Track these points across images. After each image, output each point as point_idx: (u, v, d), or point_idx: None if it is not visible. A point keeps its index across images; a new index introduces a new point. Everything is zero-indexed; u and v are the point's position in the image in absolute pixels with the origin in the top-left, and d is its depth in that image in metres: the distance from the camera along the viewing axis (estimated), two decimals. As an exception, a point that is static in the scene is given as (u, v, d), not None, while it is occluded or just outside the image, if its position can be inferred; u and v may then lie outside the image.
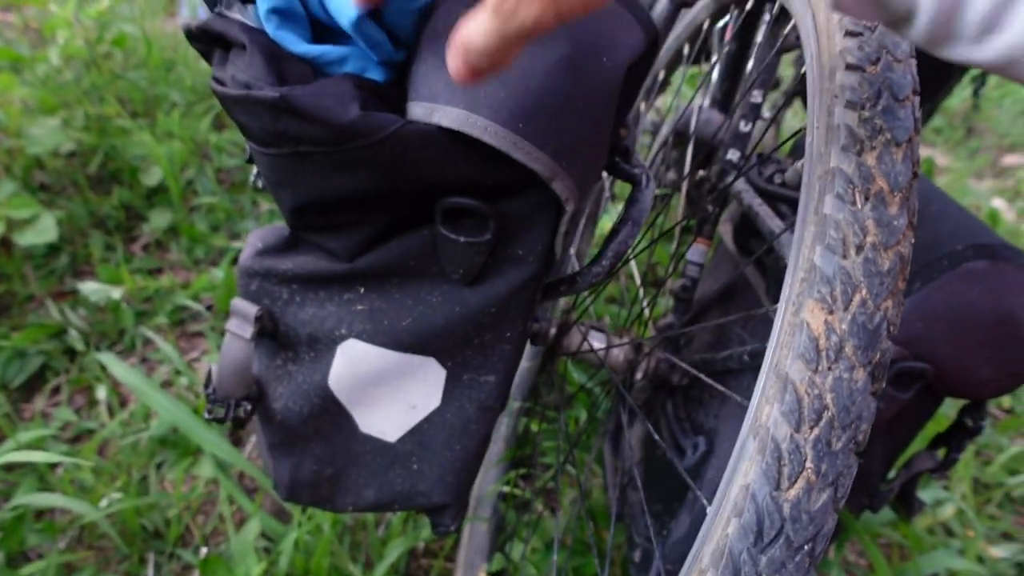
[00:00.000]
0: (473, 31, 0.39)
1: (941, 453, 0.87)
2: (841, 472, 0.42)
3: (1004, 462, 1.36)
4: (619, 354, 0.90)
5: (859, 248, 0.44)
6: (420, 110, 0.51)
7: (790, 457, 0.42)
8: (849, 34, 0.52)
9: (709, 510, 0.46)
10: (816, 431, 0.42)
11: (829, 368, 0.42)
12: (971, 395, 0.79)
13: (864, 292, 0.43)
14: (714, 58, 1.25)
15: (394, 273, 0.61)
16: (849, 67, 0.50)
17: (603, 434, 1.15)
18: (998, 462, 1.35)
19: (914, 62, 0.50)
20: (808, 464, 0.41)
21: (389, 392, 0.65)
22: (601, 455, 1.15)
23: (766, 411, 0.44)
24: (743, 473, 0.43)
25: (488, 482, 1.11)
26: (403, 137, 0.51)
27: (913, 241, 0.45)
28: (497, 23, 0.38)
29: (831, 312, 0.43)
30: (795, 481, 0.41)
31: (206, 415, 0.66)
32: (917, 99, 0.49)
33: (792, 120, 2.30)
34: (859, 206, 0.45)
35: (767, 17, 0.98)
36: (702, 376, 0.69)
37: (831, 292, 0.43)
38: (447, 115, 0.50)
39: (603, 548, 1.08)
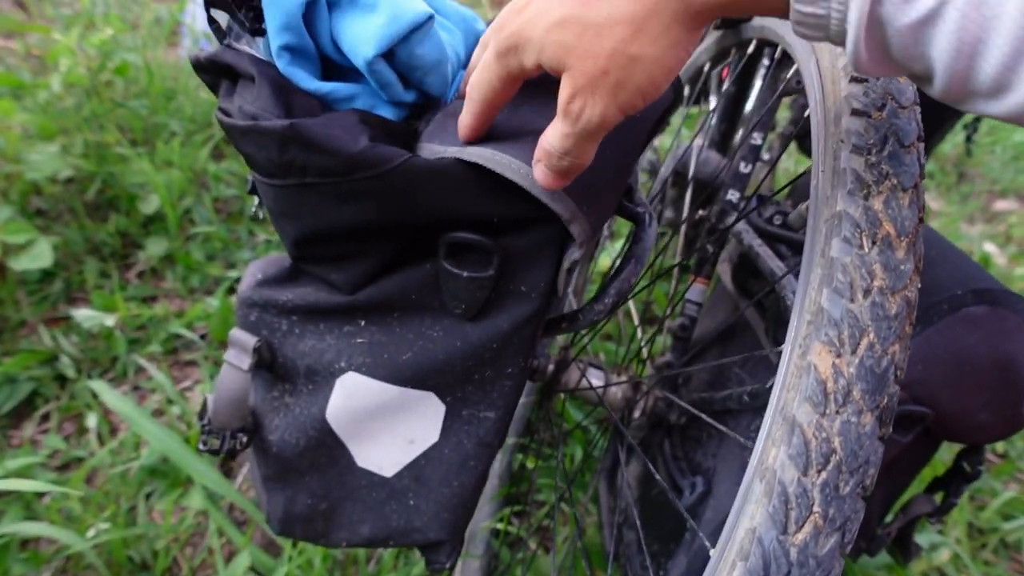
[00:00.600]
0: (551, 136, 0.45)
1: (938, 497, 0.87)
2: (849, 517, 0.41)
3: (998, 507, 1.35)
4: (617, 392, 0.89)
5: (866, 292, 0.44)
6: (442, 150, 0.52)
7: (797, 501, 0.41)
8: (854, 80, 0.52)
9: (713, 553, 0.46)
10: (824, 475, 0.41)
11: (837, 412, 0.42)
12: (969, 440, 0.79)
13: (872, 336, 0.43)
14: (712, 100, 1.26)
15: (395, 306, 0.61)
16: (855, 112, 0.50)
17: (599, 472, 1.15)
18: (992, 507, 1.35)
19: (919, 109, 0.51)
20: (816, 508, 0.41)
21: (387, 426, 0.65)
22: (597, 494, 1.14)
23: (772, 453, 0.44)
24: (749, 516, 0.43)
25: (482, 519, 1.10)
26: (409, 169, 0.51)
27: (919, 286, 0.46)
28: (568, 126, 0.44)
29: (839, 355, 0.43)
30: (802, 525, 0.41)
31: (201, 446, 0.65)
32: (922, 145, 0.49)
33: (785, 162, 2.32)
34: (866, 250, 0.45)
35: (766, 61, 0.99)
36: (703, 416, 0.68)
37: (839, 335, 0.43)
38: (473, 152, 0.50)
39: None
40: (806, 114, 0.61)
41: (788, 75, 0.80)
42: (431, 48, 0.56)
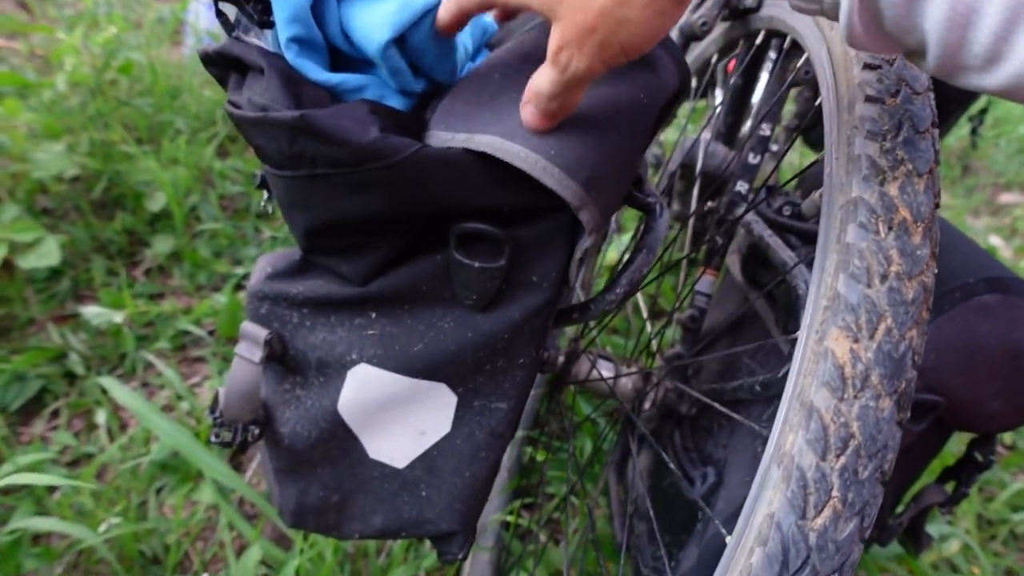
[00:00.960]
0: (540, 80, 0.48)
1: (949, 487, 0.87)
2: (867, 501, 0.41)
3: (1007, 498, 1.35)
4: (628, 383, 0.89)
5: (883, 277, 0.44)
6: (450, 136, 0.52)
7: (816, 486, 0.41)
8: (867, 67, 0.52)
9: (730, 540, 0.45)
10: (843, 460, 0.41)
11: (855, 396, 0.42)
12: (981, 428, 0.79)
13: (889, 321, 0.43)
14: (719, 93, 1.26)
15: (406, 298, 0.61)
16: (869, 99, 0.50)
17: (609, 464, 1.15)
18: (1001, 498, 1.35)
19: (932, 95, 0.51)
20: (835, 493, 0.41)
21: (399, 417, 0.64)
22: (607, 486, 1.14)
23: (790, 439, 0.43)
24: (767, 502, 0.43)
25: (491, 511, 1.10)
26: (420, 160, 0.51)
27: (936, 271, 0.45)
28: (557, 73, 0.47)
29: (856, 340, 0.43)
30: (821, 510, 0.41)
31: (213, 439, 0.65)
32: (937, 131, 0.49)
33: (789, 155, 2.31)
34: (883, 235, 0.45)
35: (772, 53, 0.99)
36: (715, 404, 0.68)
37: (856, 320, 0.43)
38: (481, 141, 0.50)
39: (607, 581, 1.07)
40: (817, 103, 0.61)
41: (797, 65, 0.80)
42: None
